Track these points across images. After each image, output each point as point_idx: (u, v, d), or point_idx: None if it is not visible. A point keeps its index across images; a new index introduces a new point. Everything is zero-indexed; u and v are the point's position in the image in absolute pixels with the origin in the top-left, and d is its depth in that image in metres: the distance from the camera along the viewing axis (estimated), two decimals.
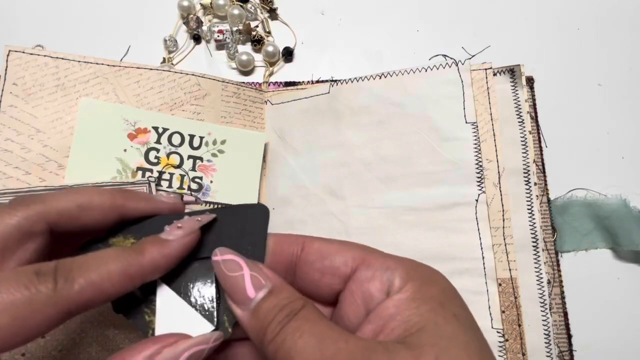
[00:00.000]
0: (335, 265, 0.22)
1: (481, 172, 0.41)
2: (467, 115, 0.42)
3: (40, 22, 0.51)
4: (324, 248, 0.23)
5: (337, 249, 0.23)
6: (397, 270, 0.21)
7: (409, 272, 0.21)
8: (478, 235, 0.40)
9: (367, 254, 0.22)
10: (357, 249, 0.23)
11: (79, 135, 0.44)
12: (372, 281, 0.22)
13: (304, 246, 0.23)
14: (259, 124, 0.49)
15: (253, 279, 0.21)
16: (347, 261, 0.22)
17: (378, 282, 0.21)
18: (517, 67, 0.43)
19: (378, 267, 0.22)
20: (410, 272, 0.21)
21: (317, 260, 0.23)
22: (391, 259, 0.22)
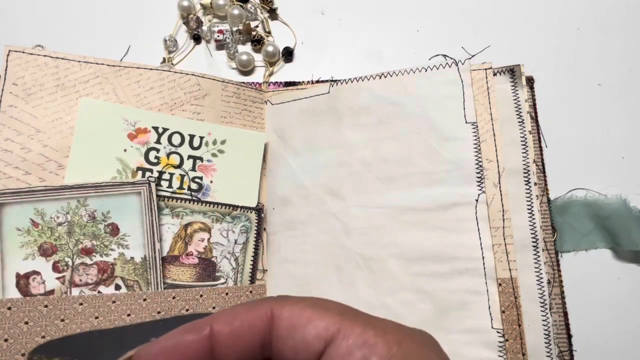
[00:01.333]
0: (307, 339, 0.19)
1: (481, 172, 0.41)
2: (467, 115, 0.42)
3: (40, 22, 0.51)
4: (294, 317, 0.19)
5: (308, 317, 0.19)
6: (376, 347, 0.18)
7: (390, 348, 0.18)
8: (478, 235, 0.40)
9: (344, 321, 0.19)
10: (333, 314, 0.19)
11: (79, 135, 0.44)
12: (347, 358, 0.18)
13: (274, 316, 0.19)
14: (259, 124, 0.49)
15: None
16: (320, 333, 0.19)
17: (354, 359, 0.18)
18: (517, 67, 0.43)
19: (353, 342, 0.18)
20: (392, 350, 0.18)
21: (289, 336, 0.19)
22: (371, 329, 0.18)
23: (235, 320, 0.19)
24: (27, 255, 0.41)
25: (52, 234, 0.41)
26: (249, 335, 0.19)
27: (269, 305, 0.19)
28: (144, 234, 0.42)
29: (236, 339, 0.19)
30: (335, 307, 0.19)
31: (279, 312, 0.19)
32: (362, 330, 0.18)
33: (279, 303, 0.19)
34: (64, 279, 0.41)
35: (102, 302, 0.40)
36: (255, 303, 0.20)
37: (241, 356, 0.19)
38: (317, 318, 0.19)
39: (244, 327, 0.19)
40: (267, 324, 0.19)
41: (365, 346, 0.18)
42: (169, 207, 0.44)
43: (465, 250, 0.40)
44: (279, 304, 0.19)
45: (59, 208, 0.42)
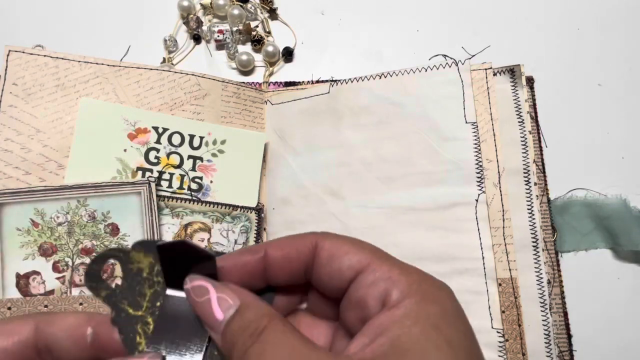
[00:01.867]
0: (342, 268, 0.22)
1: (481, 172, 0.41)
2: (467, 115, 0.42)
3: (40, 22, 0.51)
4: (334, 249, 0.22)
5: (346, 250, 0.22)
6: (398, 282, 0.20)
7: (411, 286, 0.20)
8: (478, 235, 0.40)
9: (374, 259, 0.21)
10: (367, 251, 0.22)
11: (79, 135, 0.44)
12: (370, 289, 0.21)
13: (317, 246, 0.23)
14: (259, 124, 0.49)
15: (220, 300, 0.21)
16: (353, 264, 0.22)
17: (376, 291, 0.21)
18: (517, 67, 0.43)
19: (380, 275, 0.21)
20: (412, 287, 0.20)
21: (327, 263, 0.22)
22: (397, 268, 0.21)
23: (286, 247, 0.23)
24: (27, 255, 0.41)
25: (52, 234, 0.41)
26: (297, 260, 0.22)
27: (315, 237, 0.23)
28: (144, 234, 0.42)
29: (285, 262, 0.22)
30: (369, 247, 0.22)
31: (322, 243, 0.22)
32: (389, 268, 0.21)
33: (323, 236, 0.23)
34: (64, 279, 0.41)
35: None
36: (303, 235, 0.23)
37: (288, 277, 0.23)
38: (352, 252, 0.22)
39: (293, 253, 0.22)
40: (312, 252, 0.22)
41: (390, 280, 0.20)
42: (169, 207, 0.44)
43: (465, 250, 0.40)
44: (323, 236, 0.23)
45: (59, 208, 0.42)
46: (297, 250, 0.22)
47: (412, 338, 0.18)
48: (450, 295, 0.21)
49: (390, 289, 0.20)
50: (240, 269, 0.22)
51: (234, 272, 0.22)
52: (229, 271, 0.22)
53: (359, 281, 0.21)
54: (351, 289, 0.22)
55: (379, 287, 0.20)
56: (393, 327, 0.19)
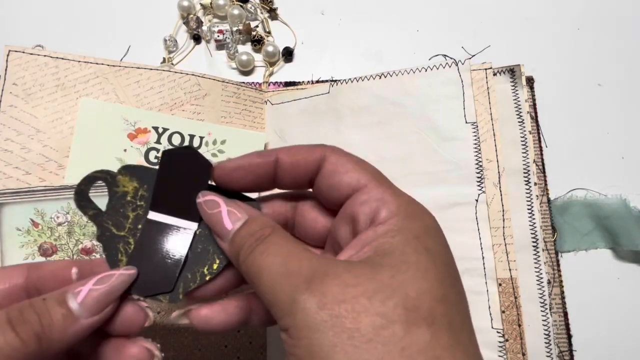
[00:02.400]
0: (341, 183, 0.24)
1: (481, 172, 0.41)
2: (467, 115, 0.42)
3: (40, 22, 0.51)
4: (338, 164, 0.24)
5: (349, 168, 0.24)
6: (388, 203, 0.22)
7: (399, 207, 0.22)
8: (478, 235, 0.40)
9: (372, 180, 0.23)
10: (367, 172, 0.24)
11: (79, 135, 0.44)
12: (363, 206, 0.23)
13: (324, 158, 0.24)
14: (259, 124, 0.49)
15: (230, 214, 0.23)
16: (352, 182, 0.24)
17: (367, 208, 0.23)
18: (517, 67, 0.43)
19: (373, 195, 0.23)
20: (400, 207, 0.22)
21: (329, 176, 0.24)
22: (390, 191, 0.23)
23: (296, 154, 0.24)
24: (27, 255, 0.41)
25: (52, 234, 0.41)
26: (304, 168, 0.24)
27: (323, 149, 0.24)
28: None
29: (294, 168, 0.24)
30: (370, 168, 0.24)
31: (329, 156, 0.24)
32: (383, 189, 0.23)
33: (331, 149, 0.24)
34: None
35: None
36: (313, 145, 0.25)
37: (293, 183, 0.25)
38: (353, 170, 0.24)
39: (301, 161, 0.24)
40: (318, 163, 0.24)
41: (381, 200, 0.23)
42: None
43: (465, 250, 0.40)
44: (331, 150, 0.24)
45: (59, 208, 0.42)
46: (306, 158, 0.24)
47: (394, 245, 0.21)
48: (432, 217, 0.23)
49: (380, 208, 0.22)
50: (250, 170, 0.25)
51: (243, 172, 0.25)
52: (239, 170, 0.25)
53: (354, 198, 0.23)
54: (346, 205, 0.24)
55: (371, 206, 0.23)
56: (378, 238, 0.21)
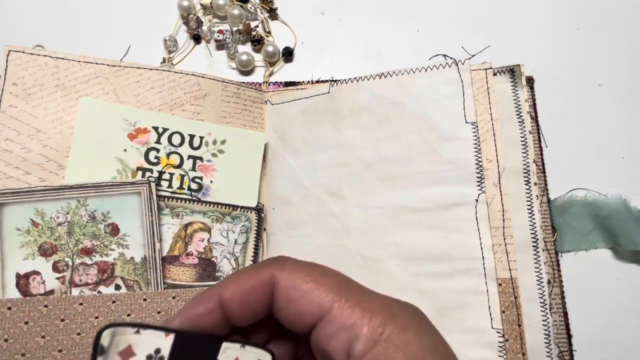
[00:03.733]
0: (302, 313, 0.20)
1: (481, 172, 0.41)
2: (467, 115, 0.42)
3: (40, 22, 0.51)
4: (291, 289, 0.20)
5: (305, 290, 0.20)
6: (362, 328, 0.19)
7: (376, 330, 0.19)
8: (478, 235, 0.40)
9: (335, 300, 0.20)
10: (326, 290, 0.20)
11: (79, 135, 0.44)
12: (332, 341, 0.19)
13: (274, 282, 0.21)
14: (259, 124, 0.49)
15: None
16: (313, 309, 0.20)
17: (338, 343, 0.19)
18: (517, 67, 0.43)
19: (341, 323, 0.19)
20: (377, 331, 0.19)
21: (286, 307, 0.20)
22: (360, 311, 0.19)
23: (240, 287, 0.20)
24: (27, 255, 0.41)
25: (52, 234, 0.41)
26: (256, 300, 0.20)
27: (270, 270, 0.20)
28: (144, 234, 0.42)
29: (244, 305, 0.20)
30: (329, 281, 0.20)
31: (279, 279, 0.20)
32: (350, 311, 0.19)
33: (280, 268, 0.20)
34: (64, 279, 0.41)
35: (102, 302, 0.40)
36: (258, 268, 0.21)
37: (252, 317, 0.21)
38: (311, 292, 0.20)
39: (250, 293, 0.20)
40: (270, 289, 0.20)
41: (352, 330, 0.19)
42: (169, 207, 0.44)
43: (465, 250, 0.40)
44: (280, 269, 0.20)
45: (59, 208, 0.42)
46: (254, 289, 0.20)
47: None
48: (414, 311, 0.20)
49: (354, 339, 0.18)
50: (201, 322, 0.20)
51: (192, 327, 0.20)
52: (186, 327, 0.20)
53: (319, 330, 0.19)
54: (314, 337, 0.20)
55: (341, 339, 0.19)
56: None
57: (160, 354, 0.19)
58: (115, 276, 0.42)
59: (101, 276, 0.42)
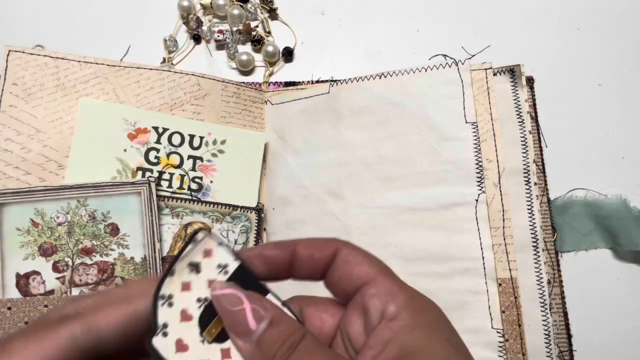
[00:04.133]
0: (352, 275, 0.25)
1: (481, 172, 0.41)
2: (467, 115, 0.42)
3: (40, 22, 0.51)
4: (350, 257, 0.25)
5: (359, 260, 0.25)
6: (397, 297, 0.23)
7: (407, 301, 0.23)
8: (478, 235, 0.40)
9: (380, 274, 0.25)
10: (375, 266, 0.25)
11: (79, 135, 0.44)
12: (373, 299, 0.24)
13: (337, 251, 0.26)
14: (259, 124, 0.49)
15: (254, 311, 0.22)
16: (362, 275, 0.25)
17: (377, 301, 0.23)
18: (517, 67, 0.43)
19: (382, 288, 0.24)
20: (407, 301, 0.23)
21: (341, 267, 0.25)
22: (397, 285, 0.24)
23: (311, 247, 0.26)
24: (27, 255, 0.41)
25: (52, 234, 0.41)
26: (319, 259, 0.25)
27: (336, 243, 0.26)
28: (144, 234, 0.42)
29: (309, 260, 0.25)
30: (377, 262, 0.25)
31: (341, 249, 0.25)
32: (390, 283, 0.24)
33: (343, 243, 0.26)
34: (64, 279, 0.41)
35: None
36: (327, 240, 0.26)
37: (309, 274, 0.26)
38: (363, 264, 0.25)
39: (317, 253, 0.25)
40: (332, 255, 0.25)
41: (390, 295, 0.23)
42: (169, 207, 0.44)
43: (465, 250, 0.40)
44: (343, 243, 0.26)
45: (59, 208, 0.42)
46: (321, 251, 0.26)
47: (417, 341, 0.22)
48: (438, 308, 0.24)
49: (390, 301, 0.23)
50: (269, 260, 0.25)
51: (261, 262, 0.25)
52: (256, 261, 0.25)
53: (364, 290, 0.24)
54: (357, 297, 0.25)
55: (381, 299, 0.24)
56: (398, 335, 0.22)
57: (227, 269, 0.24)
58: (115, 276, 0.42)
59: (101, 276, 0.42)
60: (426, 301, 0.24)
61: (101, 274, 0.42)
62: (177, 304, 0.24)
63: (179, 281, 0.24)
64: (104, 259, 0.42)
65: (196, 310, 0.24)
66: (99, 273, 0.42)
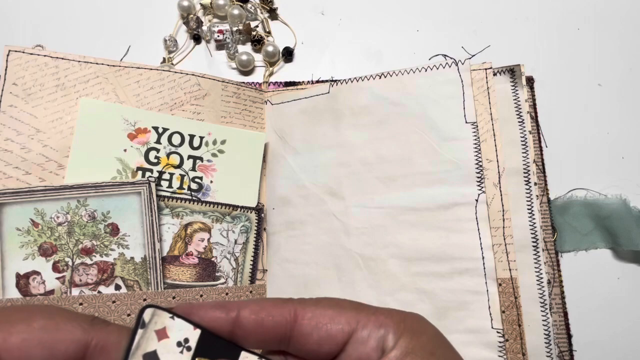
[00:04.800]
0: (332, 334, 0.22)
1: (481, 172, 0.41)
2: (467, 115, 0.42)
3: (40, 22, 0.51)
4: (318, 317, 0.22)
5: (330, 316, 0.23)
6: (389, 327, 0.22)
7: (399, 326, 0.22)
8: (478, 235, 0.40)
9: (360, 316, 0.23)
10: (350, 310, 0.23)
11: (79, 135, 0.44)
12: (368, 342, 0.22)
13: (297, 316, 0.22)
14: (259, 124, 0.49)
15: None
16: (343, 327, 0.22)
17: (373, 342, 0.22)
18: (517, 67, 0.43)
19: (372, 326, 0.22)
20: (400, 326, 0.22)
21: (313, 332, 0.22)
22: (381, 314, 0.23)
23: (261, 311, 0.22)
24: (27, 255, 0.41)
25: (52, 234, 0.41)
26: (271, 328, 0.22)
27: (293, 306, 0.22)
28: (144, 234, 0.42)
29: (258, 328, 0.22)
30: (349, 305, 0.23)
31: (302, 313, 0.22)
32: (375, 318, 0.22)
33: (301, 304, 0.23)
34: (64, 279, 0.41)
35: (102, 302, 0.40)
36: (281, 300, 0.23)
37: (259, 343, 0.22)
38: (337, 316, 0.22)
39: (268, 320, 0.22)
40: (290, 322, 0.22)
41: (382, 328, 0.22)
42: (169, 207, 0.44)
43: (465, 250, 0.40)
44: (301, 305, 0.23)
45: (59, 208, 0.42)
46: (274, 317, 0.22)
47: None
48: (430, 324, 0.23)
49: (385, 335, 0.22)
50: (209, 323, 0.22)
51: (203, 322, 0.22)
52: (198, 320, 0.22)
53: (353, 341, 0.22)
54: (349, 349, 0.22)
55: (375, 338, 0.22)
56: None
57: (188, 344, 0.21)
58: (115, 276, 0.42)
59: (101, 276, 0.42)
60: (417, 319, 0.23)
61: (101, 274, 0.42)
62: None
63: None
64: (104, 259, 0.42)
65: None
66: (99, 273, 0.42)
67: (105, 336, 0.20)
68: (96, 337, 0.20)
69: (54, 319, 0.20)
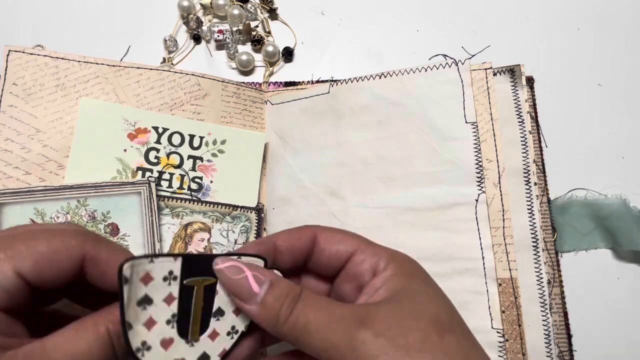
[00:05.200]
0: (339, 251, 0.29)
1: (481, 172, 0.41)
2: (467, 115, 0.42)
3: (40, 22, 0.51)
4: (330, 237, 0.29)
5: (339, 238, 0.29)
6: (382, 256, 0.28)
7: (390, 257, 0.28)
8: (478, 235, 0.40)
9: (361, 243, 0.29)
10: (355, 238, 0.29)
11: (79, 135, 0.44)
12: (363, 264, 0.28)
13: (316, 235, 0.29)
14: (259, 124, 0.49)
15: (255, 277, 0.25)
16: (347, 248, 0.28)
17: (368, 264, 0.28)
18: (517, 67, 0.43)
19: (368, 253, 0.28)
20: (391, 257, 0.28)
21: (326, 248, 0.29)
22: (379, 247, 0.29)
23: (290, 238, 0.29)
24: None
25: None
26: (299, 247, 0.29)
27: (312, 229, 0.29)
28: (144, 234, 0.42)
29: (291, 249, 0.29)
30: (356, 236, 0.29)
31: (319, 233, 0.29)
32: (373, 247, 0.29)
33: (319, 228, 0.29)
34: None
35: None
36: (303, 228, 0.29)
37: (291, 262, 0.29)
38: (344, 239, 0.29)
39: (296, 242, 0.29)
40: (311, 241, 0.29)
41: (376, 256, 0.28)
42: (169, 207, 0.44)
43: (465, 250, 0.40)
44: (319, 228, 0.29)
45: (59, 208, 0.42)
46: (300, 239, 0.29)
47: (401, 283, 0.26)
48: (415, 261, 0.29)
49: (378, 261, 0.28)
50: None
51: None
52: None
53: (353, 259, 0.28)
54: (348, 266, 0.28)
55: (370, 261, 0.28)
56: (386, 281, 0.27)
57: (174, 274, 0.24)
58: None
59: None
60: (405, 256, 0.29)
61: None
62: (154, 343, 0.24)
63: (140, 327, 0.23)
64: None
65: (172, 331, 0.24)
66: None
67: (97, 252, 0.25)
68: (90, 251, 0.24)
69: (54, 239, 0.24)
